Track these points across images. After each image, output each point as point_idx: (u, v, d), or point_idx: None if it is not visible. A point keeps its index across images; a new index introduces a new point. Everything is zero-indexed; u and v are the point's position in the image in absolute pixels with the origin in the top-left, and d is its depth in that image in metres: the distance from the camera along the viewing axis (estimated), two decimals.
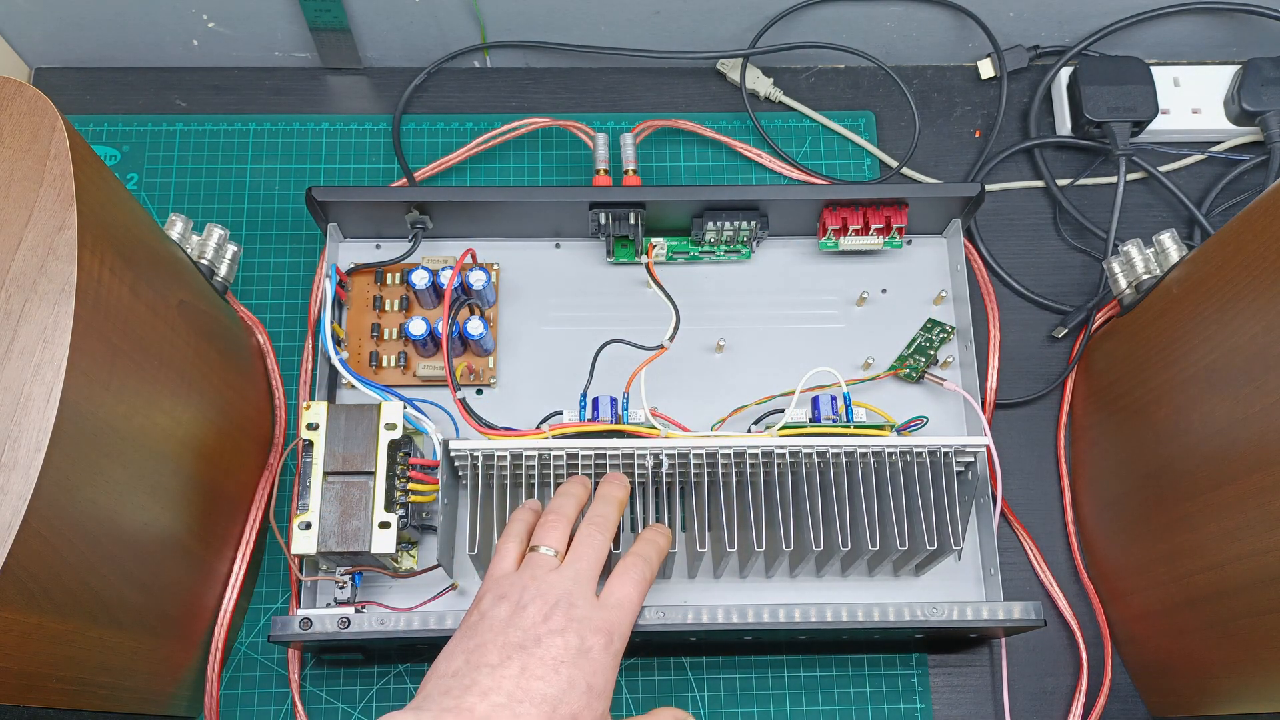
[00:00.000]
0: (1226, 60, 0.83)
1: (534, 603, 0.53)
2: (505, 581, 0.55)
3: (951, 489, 0.63)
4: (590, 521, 0.58)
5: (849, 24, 0.80)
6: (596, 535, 0.57)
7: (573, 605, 0.53)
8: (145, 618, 0.58)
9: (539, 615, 0.52)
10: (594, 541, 0.56)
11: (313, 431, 0.61)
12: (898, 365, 0.71)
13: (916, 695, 0.69)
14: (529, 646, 0.51)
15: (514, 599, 0.53)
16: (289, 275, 0.76)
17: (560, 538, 0.57)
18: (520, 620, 0.52)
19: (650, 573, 0.57)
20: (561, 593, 0.53)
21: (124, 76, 0.81)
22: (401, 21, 0.78)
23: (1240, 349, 0.56)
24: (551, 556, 0.56)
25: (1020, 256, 0.78)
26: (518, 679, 0.50)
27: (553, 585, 0.54)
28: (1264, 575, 0.54)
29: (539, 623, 0.52)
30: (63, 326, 0.46)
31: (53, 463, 0.45)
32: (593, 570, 0.55)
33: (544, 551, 0.56)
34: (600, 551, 0.56)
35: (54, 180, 0.47)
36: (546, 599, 0.53)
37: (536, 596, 0.53)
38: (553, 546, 0.56)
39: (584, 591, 0.54)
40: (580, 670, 0.51)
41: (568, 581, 0.54)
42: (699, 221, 0.70)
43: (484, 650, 0.51)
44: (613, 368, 0.67)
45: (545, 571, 0.55)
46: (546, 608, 0.53)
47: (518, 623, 0.52)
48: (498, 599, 0.54)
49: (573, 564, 0.55)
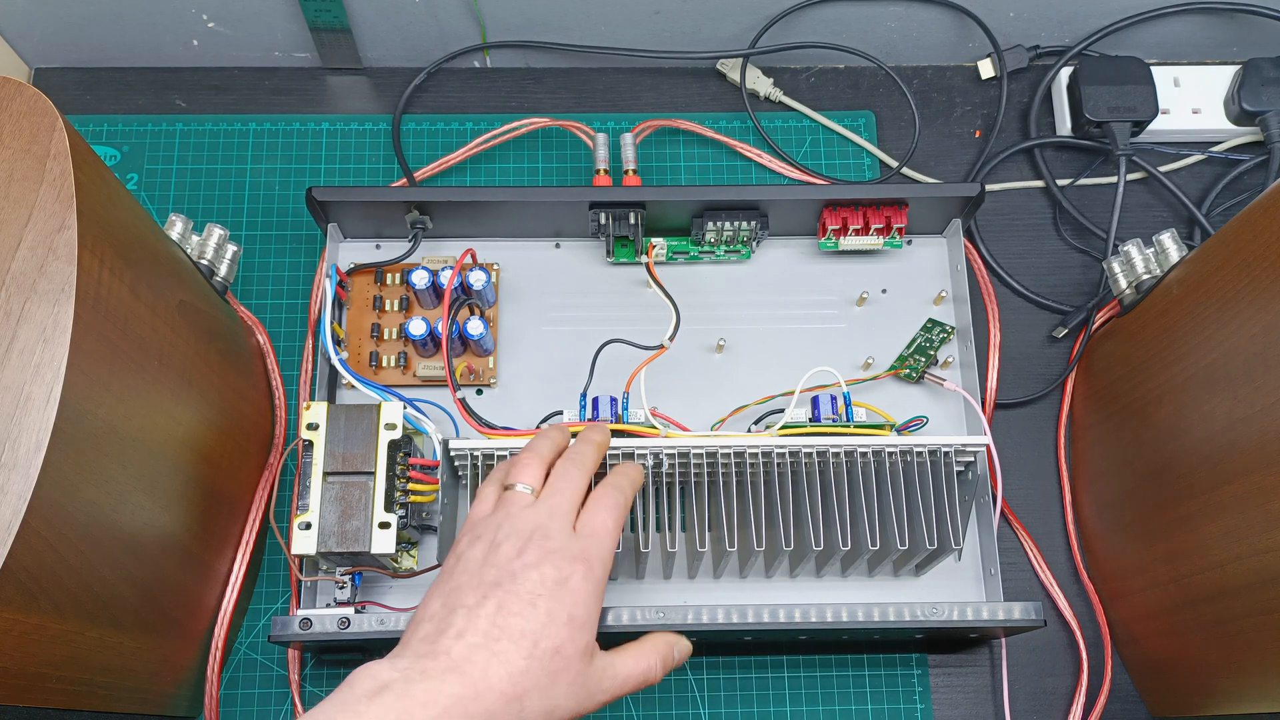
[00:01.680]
0: (1226, 60, 0.83)
1: (508, 540, 0.52)
2: (481, 523, 0.54)
3: (951, 489, 0.63)
4: (566, 458, 0.56)
5: (849, 24, 0.80)
6: (572, 470, 0.56)
7: (547, 537, 0.52)
8: (145, 618, 0.58)
9: (513, 551, 0.51)
10: (570, 476, 0.55)
11: (313, 431, 0.61)
12: (898, 365, 0.71)
13: (916, 695, 0.69)
14: (504, 583, 0.50)
15: (489, 538, 0.52)
16: (289, 275, 0.76)
17: (536, 475, 0.55)
18: (495, 558, 0.51)
19: (624, 501, 0.56)
20: (535, 526, 0.52)
21: (124, 76, 0.81)
22: (401, 21, 0.78)
23: (1240, 349, 0.56)
24: (527, 494, 0.54)
25: (1020, 256, 0.78)
26: (494, 617, 0.49)
27: (527, 520, 0.53)
28: (1264, 575, 0.54)
29: (513, 558, 0.51)
30: (63, 326, 0.46)
31: (53, 463, 0.45)
32: (569, 504, 0.54)
33: (520, 489, 0.55)
34: (577, 486, 0.55)
35: (54, 180, 0.47)
36: (520, 534, 0.52)
37: (511, 533, 0.52)
38: (528, 484, 0.55)
39: (559, 524, 0.53)
40: (559, 602, 0.50)
41: (542, 515, 0.53)
42: (699, 221, 0.70)
43: (460, 592, 0.50)
44: (613, 368, 0.67)
45: (520, 508, 0.54)
46: (521, 542, 0.52)
47: (493, 560, 0.51)
48: (473, 540, 0.53)
49: (547, 499, 0.54)
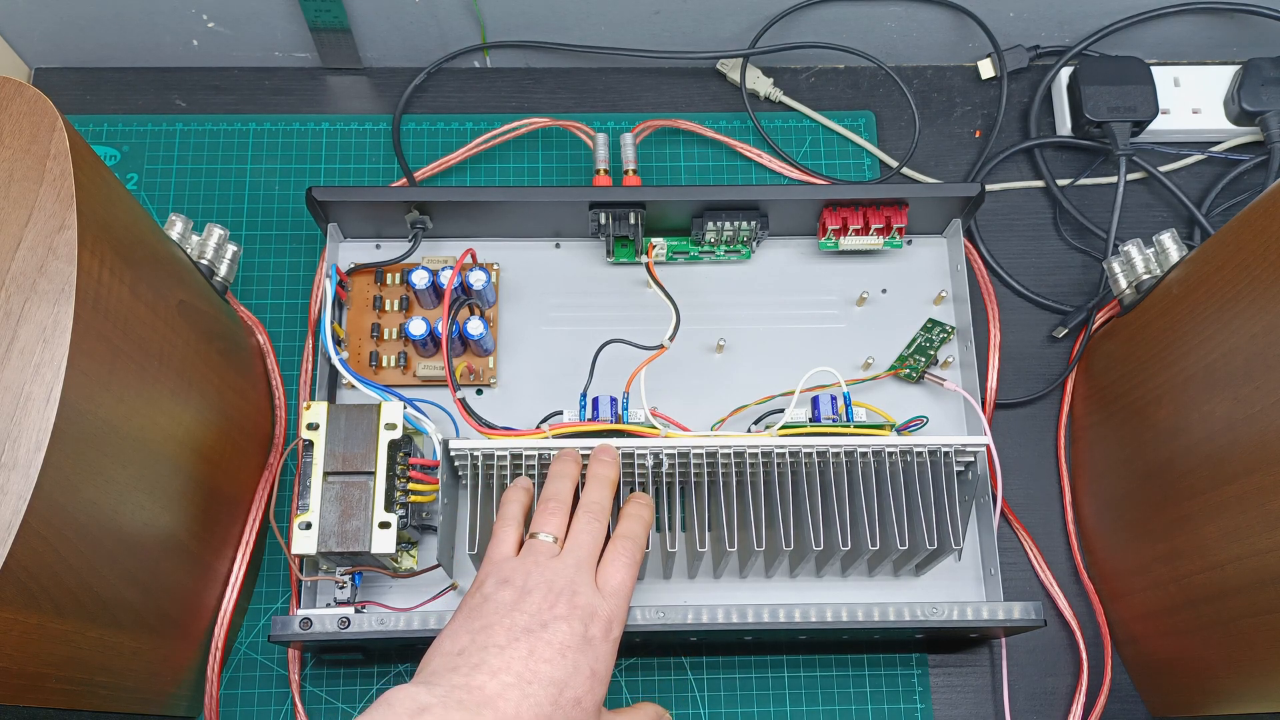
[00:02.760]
0: (1226, 60, 0.83)
1: (538, 589, 0.54)
2: (507, 566, 0.56)
3: (951, 489, 0.63)
4: (586, 510, 0.58)
5: (849, 24, 0.80)
6: (594, 523, 0.58)
7: (575, 593, 0.54)
8: (145, 618, 0.58)
9: (545, 601, 0.53)
10: (591, 529, 0.57)
11: (313, 431, 0.61)
12: (898, 365, 0.71)
13: (916, 695, 0.69)
14: (535, 630, 0.52)
15: (518, 584, 0.54)
16: (289, 275, 0.76)
17: (560, 524, 0.58)
18: (526, 605, 0.53)
19: (639, 551, 0.58)
20: (566, 581, 0.54)
21: (124, 76, 0.81)
22: (401, 21, 0.78)
23: (1240, 349, 0.56)
24: (551, 543, 0.57)
25: (1020, 256, 0.78)
26: (526, 660, 0.51)
27: (557, 573, 0.55)
28: (1264, 575, 0.54)
29: (545, 609, 0.53)
30: (63, 326, 0.46)
31: (53, 463, 0.45)
32: (592, 557, 0.56)
33: (543, 538, 0.57)
34: (598, 538, 0.57)
35: (54, 180, 0.47)
36: (552, 586, 0.54)
37: (541, 583, 0.54)
38: (552, 533, 0.57)
39: (585, 579, 0.55)
40: (585, 656, 0.52)
41: (570, 569, 0.55)
42: (699, 221, 0.70)
43: (490, 631, 0.52)
44: (613, 368, 0.67)
45: (547, 558, 0.56)
46: (552, 595, 0.53)
47: (523, 607, 0.53)
48: (500, 583, 0.55)
49: (573, 551, 0.56)
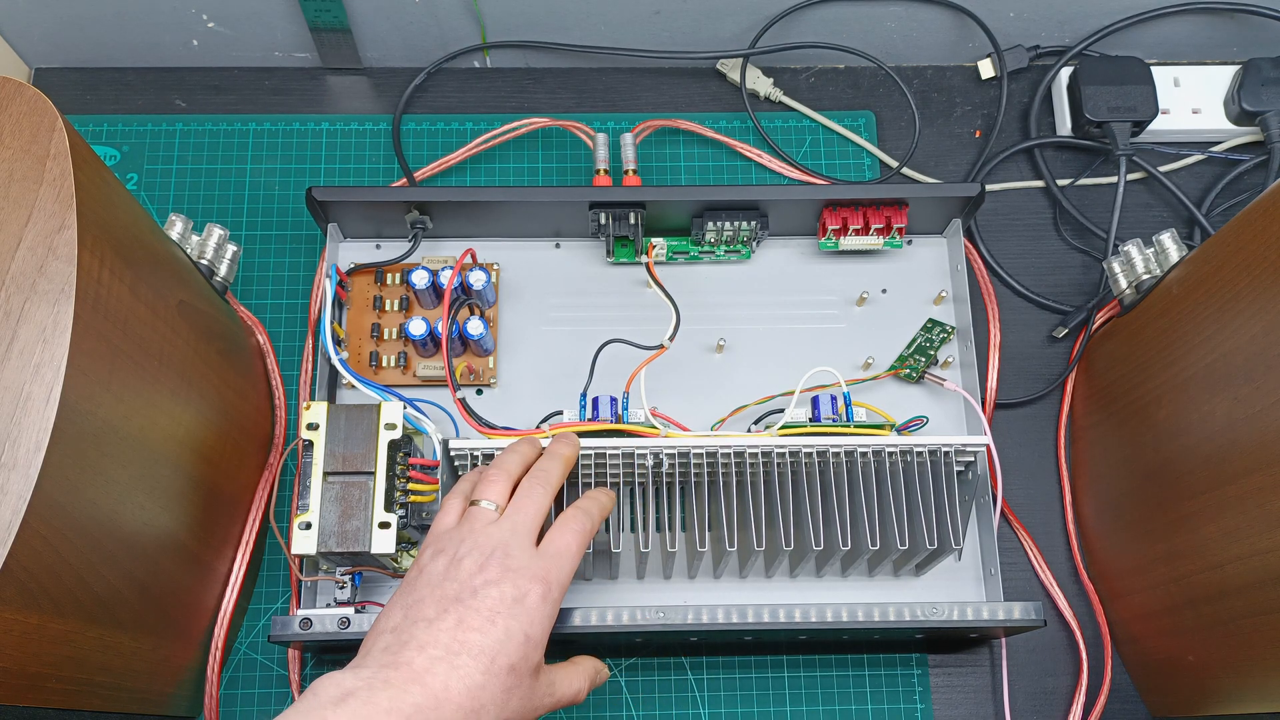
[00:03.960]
0: (1226, 60, 0.83)
1: (470, 555, 0.53)
2: (444, 536, 0.55)
3: (951, 489, 0.63)
4: (531, 476, 0.57)
5: (849, 24, 0.80)
6: (537, 489, 0.56)
7: (508, 555, 0.53)
8: (145, 618, 0.58)
9: (474, 567, 0.52)
10: (534, 495, 0.56)
11: (313, 431, 0.61)
12: (898, 365, 0.71)
13: (916, 695, 0.69)
14: (465, 599, 0.51)
15: (450, 552, 0.53)
16: (289, 275, 0.76)
17: (501, 492, 0.56)
18: (456, 573, 0.52)
19: (591, 526, 0.56)
20: (497, 543, 0.53)
21: (124, 76, 0.81)
22: (401, 21, 0.78)
23: (1240, 349, 0.56)
24: (491, 510, 0.55)
25: (1020, 256, 0.78)
26: (454, 631, 0.50)
27: (489, 537, 0.54)
28: (1264, 575, 0.54)
29: (474, 574, 0.52)
30: (63, 326, 0.46)
31: (53, 463, 0.45)
32: (531, 523, 0.55)
33: (484, 505, 0.55)
34: (540, 504, 0.56)
35: (54, 180, 0.47)
36: (482, 550, 0.53)
37: (473, 549, 0.53)
38: (493, 500, 0.56)
39: (521, 542, 0.54)
40: (517, 620, 0.51)
41: (505, 532, 0.54)
42: (699, 221, 0.70)
43: (421, 605, 0.51)
44: (613, 368, 0.67)
45: (483, 524, 0.54)
46: (482, 558, 0.52)
47: (454, 575, 0.52)
48: (436, 553, 0.54)
49: (511, 516, 0.55)
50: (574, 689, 0.55)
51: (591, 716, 0.68)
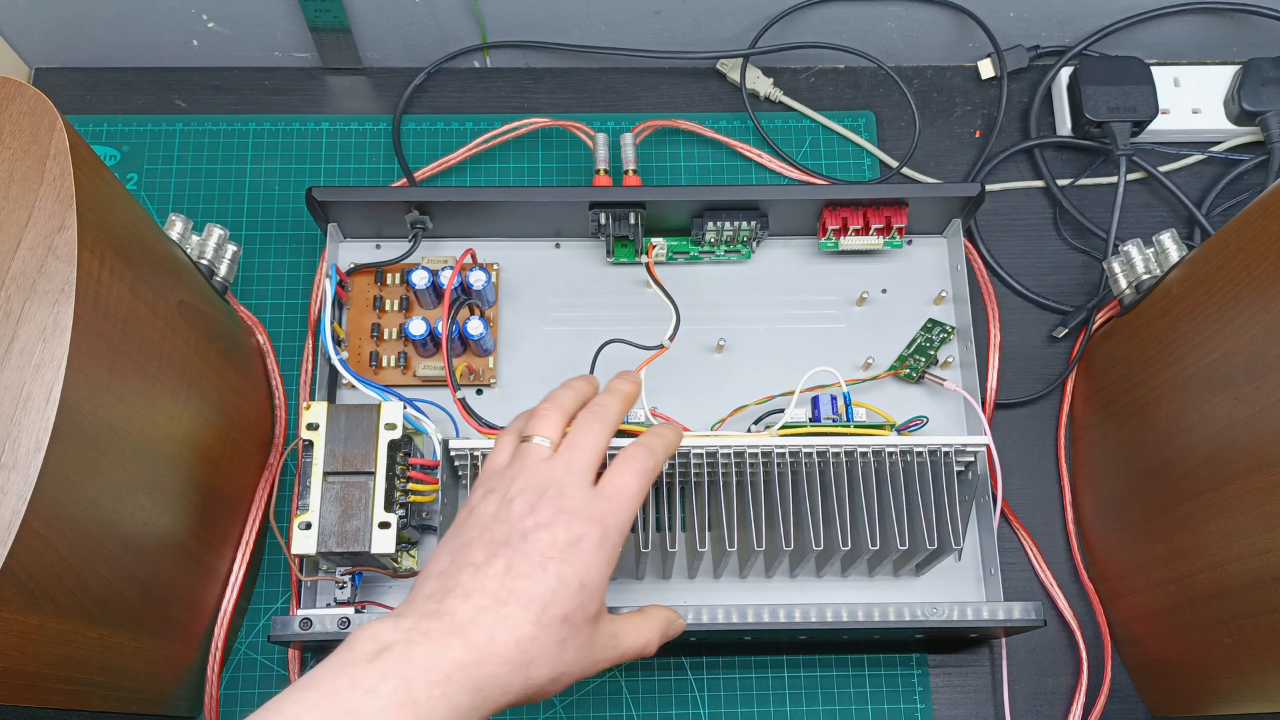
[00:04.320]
0: (1226, 60, 0.83)
1: (521, 495, 0.49)
2: (496, 475, 0.51)
3: (951, 489, 0.62)
4: (589, 410, 0.53)
5: (849, 24, 0.80)
6: (595, 424, 0.52)
7: (562, 495, 0.49)
8: (145, 618, 0.58)
9: (525, 507, 0.48)
10: (591, 430, 0.51)
11: (313, 431, 0.61)
12: (898, 365, 0.71)
13: (916, 695, 0.69)
14: (514, 542, 0.47)
15: (501, 491, 0.50)
16: (289, 275, 0.76)
17: (555, 427, 0.52)
18: (506, 514, 0.49)
19: (654, 464, 0.52)
20: (550, 482, 0.49)
21: (124, 76, 0.81)
22: (401, 21, 0.78)
23: (1240, 349, 0.56)
24: (545, 446, 0.51)
25: (1020, 256, 0.78)
26: (502, 578, 0.46)
27: (541, 475, 0.50)
28: (1264, 575, 0.54)
29: (525, 515, 0.48)
30: (63, 326, 0.46)
31: (53, 463, 0.45)
32: (588, 460, 0.50)
33: (537, 441, 0.51)
34: (598, 441, 0.51)
35: (54, 180, 0.47)
36: (534, 490, 0.49)
37: (525, 489, 0.49)
38: (547, 436, 0.51)
39: (576, 481, 0.49)
40: (570, 566, 0.47)
41: (559, 471, 0.50)
42: (699, 221, 0.70)
43: (469, 549, 0.48)
44: (613, 368, 0.67)
45: (535, 461, 0.50)
46: (534, 499, 0.49)
47: (503, 516, 0.49)
48: (486, 493, 0.50)
49: (565, 453, 0.51)
50: (641, 640, 0.51)
51: (591, 716, 0.68)
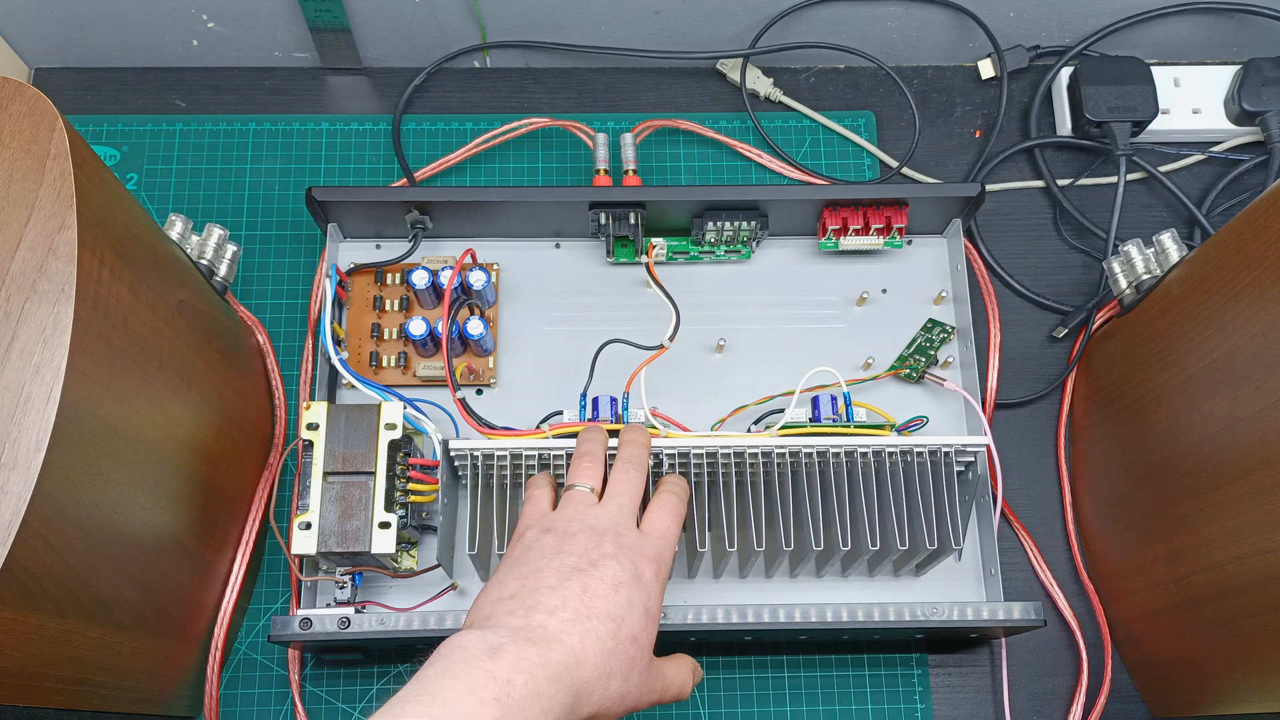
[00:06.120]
0: (1226, 60, 0.83)
1: (582, 533, 0.53)
2: (548, 517, 0.55)
3: (951, 489, 0.63)
4: (626, 461, 0.58)
5: (849, 24, 0.80)
6: (634, 471, 0.57)
7: (620, 534, 0.53)
8: (145, 618, 0.58)
9: (590, 542, 0.53)
10: (631, 478, 0.57)
11: (313, 431, 0.61)
12: (898, 365, 0.71)
13: (916, 695, 0.69)
14: (585, 569, 0.51)
15: (560, 530, 0.54)
16: (289, 275, 0.76)
17: (596, 477, 0.57)
18: (571, 546, 0.52)
19: (683, 509, 0.58)
20: (609, 523, 0.54)
21: (124, 76, 0.81)
22: (401, 21, 0.78)
23: (1240, 349, 0.56)
24: (589, 493, 0.56)
25: (1020, 256, 0.78)
26: (581, 597, 0.50)
27: (598, 517, 0.54)
28: (1264, 575, 0.54)
29: (591, 548, 0.52)
30: (63, 326, 0.46)
31: (53, 463, 0.45)
32: (633, 504, 0.56)
33: (580, 488, 0.56)
34: (638, 487, 0.57)
35: (54, 180, 0.47)
36: (594, 529, 0.53)
37: (584, 528, 0.53)
38: (589, 484, 0.57)
39: (628, 523, 0.54)
40: (637, 593, 0.51)
41: (612, 513, 0.55)
42: (699, 221, 0.70)
43: (540, 574, 0.51)
44: (613, 368, 0.67)
45: (587, 506, 0.55)
46: (597, 536, 0.53)
47: (569, 548, 0.52)
48: (542, 531, 0.54)
49: (613, 498, 0.56)
50: (681, 681, 0.55)
51: None
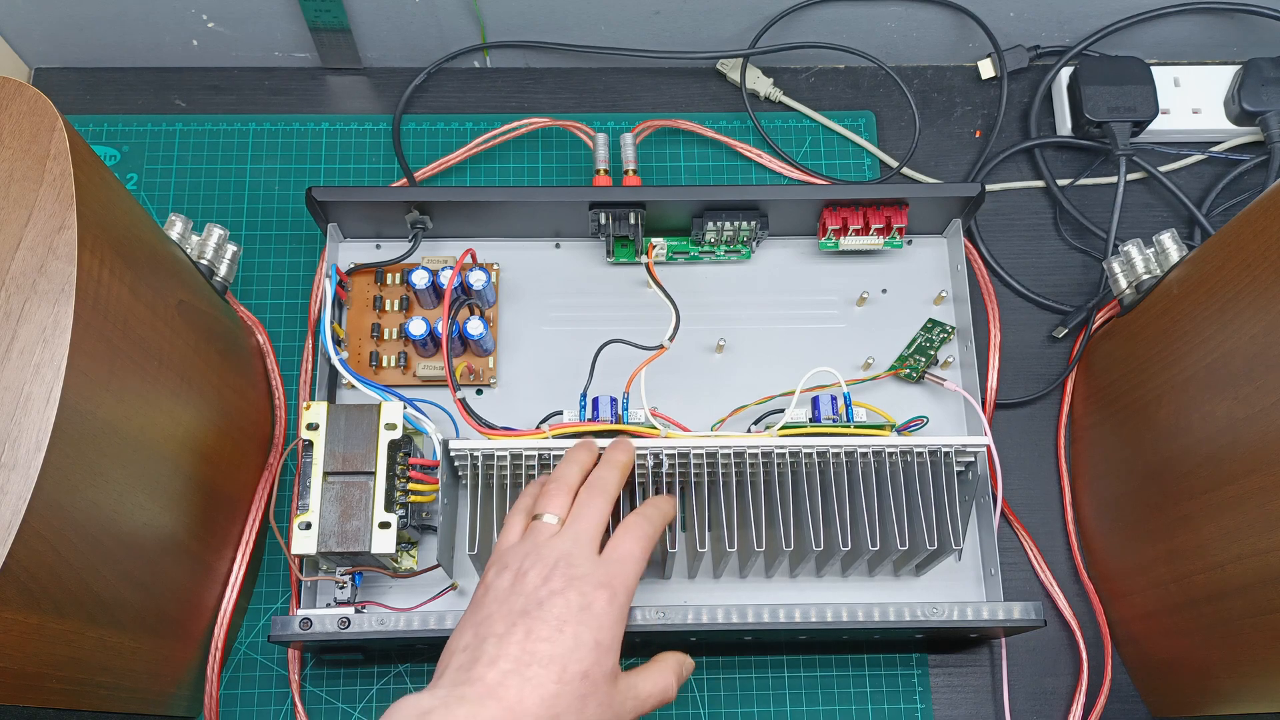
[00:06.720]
0: (1226, 60, 0.83)
1: (534, 568, 0.53)
2: (509, 553, 0.55)
3: (951, 489, 0.63)
4: (589, 486, 0.58)
5: (849, 24, 0.80)
6: (596, 498, 0.57)
7: (571, 565, 0.53)
8: (145, 618, 0.58)
9: (539, 579, 0.53)
10: (594, 504, 0.56)
11: (313, 431, 0.61)
12: (898, 365, 0.71)
13: (916, 695, 0.69)
14: (531, 610, 0.51)
15: (515, 567, 0.54)
16: (289, 275, 0.76)
17: (562, 504, 0.57)
18: (521, 586, 0.53)
19: (653, 531, 0.57)
20: (560, 554, 0.54)
21: (124, 76, 0.81)
22: (401, 21, 0.78)
23: (1240, 349, 0.56)
24: (553, 523, 0.56)
25: (1020, 256, 0.78)
26: (523, 643, 0.50)
27: (552, 548, 0.54)
28: (1264, 575, 0.54)
29: (539, 586, 0.52)
30: (63, 326, 0.46)
31: (53, 463, 0.45)
32: (592, 531, 0.55)
33: (546, 520, 0.56)
34: (600, 513, 0.56)
35: (54, 180, 0.47)
36: (546, 562, 0.53)
37: (537, 561, 0.53)
38: (554, 513, 0.56)
39: (583, 550, 0.54)
40: (585, 627, 0.51)
41: (567, 543, 0.54)
42: (699, 221, 0.70)
43: (490, 621, 0.52)
44: (613, 368, 0.67)
45: (546, 538, 0.55)
46: (546, 570, 0.53)
47: (519, 589, 0.53)
48: (500, 569, 0.54)
49: (571, 526, 0.55)
50: (660, 687, 0.55)
51: None
